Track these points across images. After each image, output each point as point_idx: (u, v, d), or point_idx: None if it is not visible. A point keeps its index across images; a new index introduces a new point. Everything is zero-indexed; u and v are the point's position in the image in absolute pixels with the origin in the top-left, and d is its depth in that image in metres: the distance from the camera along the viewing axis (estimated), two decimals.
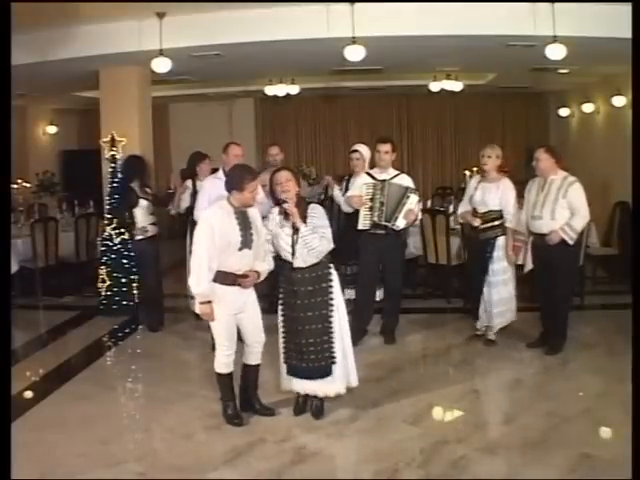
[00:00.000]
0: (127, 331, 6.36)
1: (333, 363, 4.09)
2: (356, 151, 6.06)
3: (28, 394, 4.78)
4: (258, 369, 4.30)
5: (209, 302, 3.95)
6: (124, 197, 6.36)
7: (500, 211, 5.45)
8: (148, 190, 6.35)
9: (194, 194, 6.30)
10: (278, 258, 4.19)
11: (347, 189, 6.15)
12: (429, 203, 8.18)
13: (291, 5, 6.00)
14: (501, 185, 5.48)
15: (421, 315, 6.55)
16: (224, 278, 3.99)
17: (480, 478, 3.44)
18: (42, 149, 11.88)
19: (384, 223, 5.46)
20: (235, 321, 4.09)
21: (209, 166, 6.47)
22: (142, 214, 6.26)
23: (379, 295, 6.00)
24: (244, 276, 4.01)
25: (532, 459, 3.59)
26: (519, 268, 5.74)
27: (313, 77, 9.93)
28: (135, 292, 6.73)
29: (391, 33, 6.16)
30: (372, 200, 5.47)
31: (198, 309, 4.01)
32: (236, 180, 3.96)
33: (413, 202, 5.47)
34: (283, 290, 4.16)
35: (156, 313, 6.43)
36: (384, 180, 5.53)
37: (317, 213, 4.09)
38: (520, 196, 5.62)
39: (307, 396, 4.25)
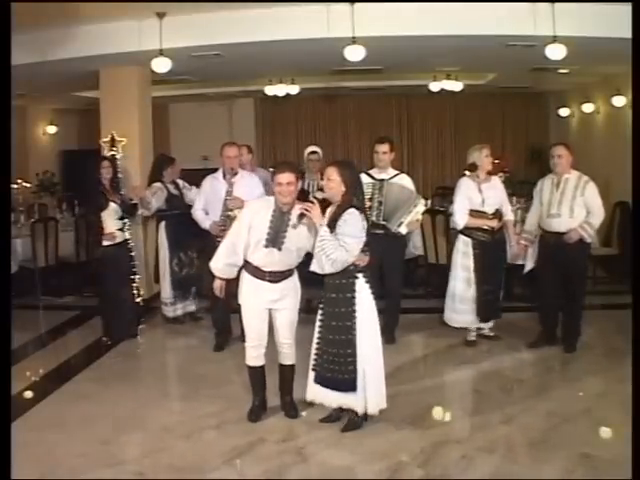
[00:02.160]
0: None
1: (356, 379, 3.91)
2: (315, 152, 6.52)
3: (28, 394, 4.79)
4: (291, 369, 4.24)
5: (223, 280, 4.12)
6: (93, 199, 6.04)
7: (499, 209, 5.50)
8: (119, 195, 6.09)
9: (170, 197, 6.31)
10: None
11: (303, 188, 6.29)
12: (429, 203, 8.16)
13: (291, 5, 5.99)
14: (497, 183, 5.56)
15: (421, 315, 6.55)
16: (251, 270, 4.04)
17: (480, 478, 3.44)
18: (42, 149, 11.87)
19: (382, 222, 5.46)
20: (266, 315, 4.09)
21: (175, 169, 6.47)
22: (110, 219, 5.99)
23: None
24: (272, 273, 4.01)
25: (532, 459, 3.59)
26: (519, 268, 5.74)
27: (313, 77, 9.92)
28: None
29: (391, 33, 6.15)
30: (371, 200, 5.48)
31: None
32: (273, 172, 4.05)
33: (420, 212, 5.50)
34: (322, 296, 4.05)
35: (130, 323, 6.22)
36: (383, 180, 5.54)
37: (349, 219, 3.80)
38: (520, 196, 5.62)
39: (342, 410, 4.10)
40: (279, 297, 4.07)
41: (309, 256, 4.03)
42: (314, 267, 3.87)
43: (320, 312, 4.04)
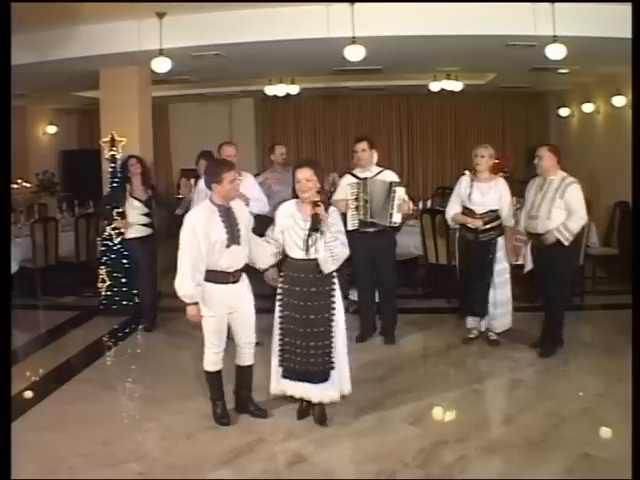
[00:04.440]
0: (127, 331, 6.36)
1: (332, 369, 4.00)
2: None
3: (28, 394, 4.78)
4: (251, 370, 4.27)
5: (196, 304, 3.91)
6: (111, 195, 6.39)
7: (497, 211, 5.43)
8: (150, 191, 6.31)
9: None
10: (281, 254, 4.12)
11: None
12: (429, 203, 8.17)
13: (291, 5, 6.00)
14: (498, 184, 5.47)
15: (421, 315, 6.55)
16: (215, 277, 3.98)
17: (480, 478, 3.44)
18: (42, 149, 11.88)
19: (370, 220, 5.46)
20: (226, 320, 4.07)
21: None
22: (133, 214, 6.24)
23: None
24: (235, 273, 4.00)
25: (532, 459, 3.59)
26: (519, 268, 5.74)
27: (313, 77, 9.93)
28: (132, 292, 6.74)
29: (391, 33, 6.17)
30: (357, 200, 5.48)
31: (187, 311, 3.95)
32: (214, 174, 3.97)
33: (401, 194, 5.45)
34: (283, 290, 4.06)
35: (148, 314, 6.43)
36: (366, 178, 5.53)
37: (336, 217, 4.00)
38: (520, 196, 5.62)
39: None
40: (239, 298, 4.07)
41: None
42: (323, 268, 3.89)
43: (285, 306, 4.03)
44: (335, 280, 4.03)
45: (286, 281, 4.04)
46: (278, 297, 4.09)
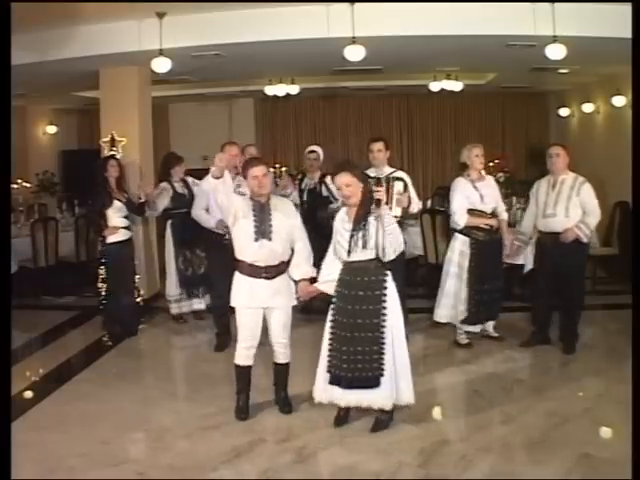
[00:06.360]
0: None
1: (381, 375, 3.89)
2: (314, 152, 6.59)
3: (28, 394, 4.79)
4: (287, 368, 4.30)
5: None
6: (98, 197, 6.06)
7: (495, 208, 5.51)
8: (125, 194, 6.15)
9: (176, 196, 6.31)
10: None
11: (301, 188, 6.64)
12: (429, 203, 8.17)
13: (291, 5, 6.00)
14: (491, 182, 5.59)
15: (421, 315, 6.54)
16: (248, 270, 4.06)
17: (480, 478, 3.44)
18: (42, 149, 11.87)
19: None
20: (260, 315, 4.11)
21: (183, 169, 6.46)
22: (115, 217, 6.01)
23: None
24: (268, 268, 4.05)
25: (532, 459, 3.59)
26: (519, 268, 5.75)
27: (313, 77, 9.92)
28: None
29: (391, 33, 6.16)
30: None
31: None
32: (242, 169, 4.14)
33: (399, 188, 5.45)
34: (337, 293, 3.99)
35: (131, 320, 6.25)
36: (378, 178, 5.52)
37: (387, 213, 3.92)
38: (520, 196, 5.63)
39: (349, 408, 4.08)
40: (274, 295, 4.09)
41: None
42: (386, 258, 3.86)
43: (336, 310, 3.97)
44: (387, 285, 3.93)
45: (339, 284, 3.98)
46: (332, 300, 4.03)
